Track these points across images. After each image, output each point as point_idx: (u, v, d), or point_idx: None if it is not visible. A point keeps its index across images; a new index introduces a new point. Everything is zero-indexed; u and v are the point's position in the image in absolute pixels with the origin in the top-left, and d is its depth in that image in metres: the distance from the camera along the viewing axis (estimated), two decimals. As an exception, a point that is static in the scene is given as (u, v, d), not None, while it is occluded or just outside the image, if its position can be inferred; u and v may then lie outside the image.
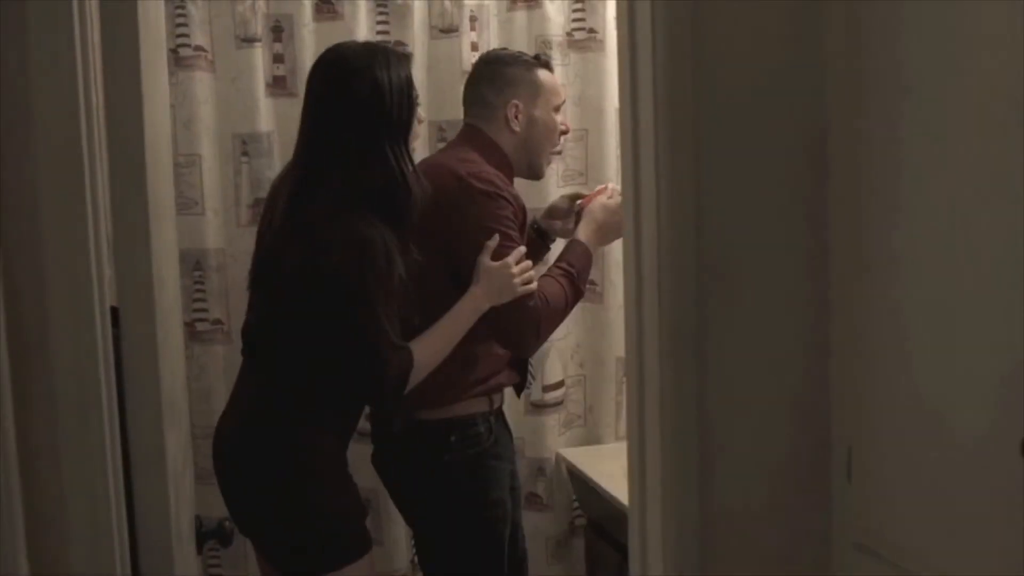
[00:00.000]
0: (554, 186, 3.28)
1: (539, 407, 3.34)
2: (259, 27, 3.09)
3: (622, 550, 2.28)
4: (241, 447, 2.59)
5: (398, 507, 2.98)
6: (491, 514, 2.81)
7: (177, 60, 3.02)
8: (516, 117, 2.83)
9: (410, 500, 2.90)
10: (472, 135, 2.86)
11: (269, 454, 2.54)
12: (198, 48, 3.05)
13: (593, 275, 3.25)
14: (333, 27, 3.12)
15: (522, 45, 3.23)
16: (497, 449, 2.83)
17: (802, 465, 2.01)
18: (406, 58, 2.61)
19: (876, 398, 1.91)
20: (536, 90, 2.86)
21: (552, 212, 3.05)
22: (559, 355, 3.34)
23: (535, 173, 2.94)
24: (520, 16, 3.26)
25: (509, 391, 3.01)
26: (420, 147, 3.16)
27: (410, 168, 2.51)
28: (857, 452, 1.96)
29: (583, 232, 2.89)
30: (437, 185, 2.65)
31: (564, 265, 2.83)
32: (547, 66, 2.92)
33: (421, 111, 2.68)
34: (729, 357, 1.96)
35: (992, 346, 1.63)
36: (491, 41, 3.24)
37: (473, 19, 3.22)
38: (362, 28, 3.14)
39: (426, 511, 2.86)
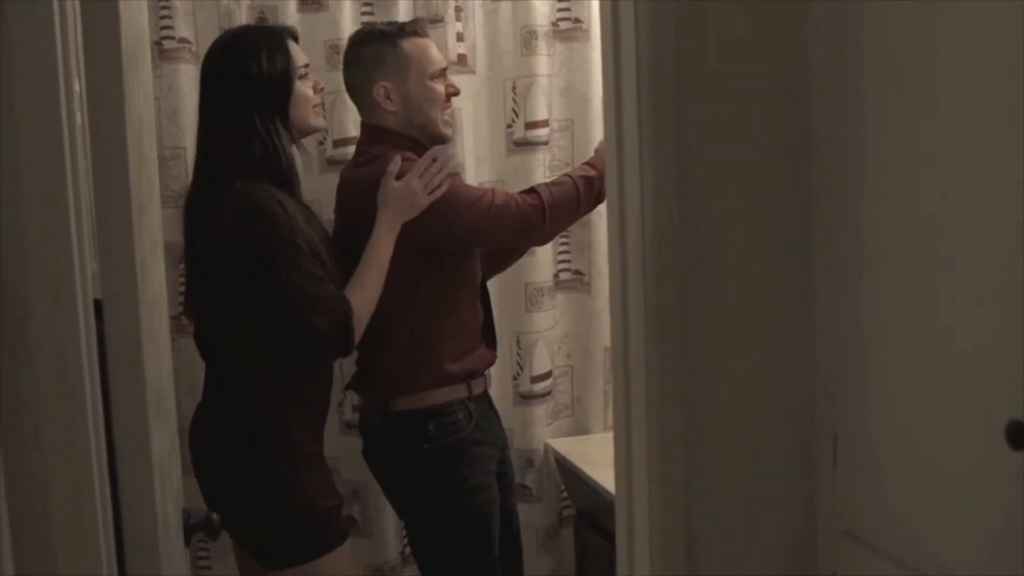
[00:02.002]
0: (541, 176, 3.27)
1: (527, 398, 3.34)
2: (243, 19, 3.07)
3: (611, 540, 2.29)
4: (209, 440, 2.60)
5: (388, 499, 2.99)
6: (474, 500, 2.82)
7: (161, 53, 3.01)
8: (388, 98, 2.79)
9: (396, 490, 2.92)
10: (366, 133, 2.87)
11: (235, 447, 2.56)
12: (182, 40, 3.04)
13: (580, 265, 3.26)
14: (317, 18, 3.10)
15: (507, 35, 3.22)
16: (478, 435, 2.84)
17: (788, 453, 2.01)
18: (280, 35, 2.68)
19: (861, 385, 1.91)
20: (403, 64, 2.79)
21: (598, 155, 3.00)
22: (547, 346, 3.34)
23: (436, 139, 2.88)
24: (505, 6, 3.24)
25: (496, 376, 3.05)
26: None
27: (283, 138, 2.61)
28: (842, 439, 1.97)
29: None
30: (352, 201, 2.77)
31: (585, 165, 2.89)
32: (416, 32, 2.84)
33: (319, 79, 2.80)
34: (714, 346, 1.96)
35: (977, 332, 1.63)
36: (476, 31, 3.22)
37: (458, 9, 3.21)
38: (347, 19, 3.13)
39: (411, 500, 2.87)
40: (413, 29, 2.84)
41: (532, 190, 2.83)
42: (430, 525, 2.85)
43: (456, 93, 2.92)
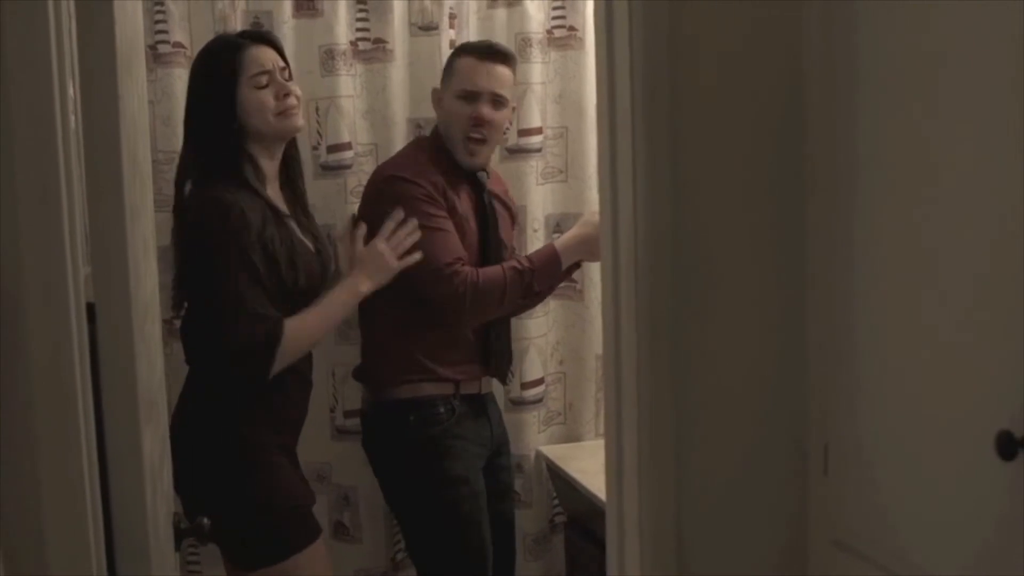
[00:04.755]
0: (534, 183, 3.28)
1: (519, 404, 3.34)
2: (238, 23, 3.07)
3: (602, 547, 2.29)
4: (179, 440, 2.57)
5: (381, 488, 3.02)
6: (453, 492, 2.84)
7: (156, 57, 3.01)
8: (438, 104, 2.95)
9: (381, 480, 2.97)
10: (433, 130, 3.01)
11: (200, 448, 2.58)
12: (177, 45, 3.04)
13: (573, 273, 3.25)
14: (312, 24, 3.11)
15: (502, 42, 3.22)
16: (459, 431, 2.86)
17: (779, 461, 2.02)
18: (233, 44, 2.71)
19: (853, 394, 1.91)
20: (448, 77, 2.93)
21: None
22: (539, 352, 3.34)
23: (459, 160, 2.94)
24: (500, 14, 3.25)
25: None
26: (399, 144, 3.16)
27: (237, 142, 2.64)
28: (833, 448, 1.97)
29: (562, 238, 2.96)
30: (369, 185, 2.90)
31: (521, 260, 2.90)
32: (476, 53, 2.92)
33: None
34: (706, 355, 1.97)
35: (969, 343, 1.64)
36: (471, 39, 3.23)
37: (453, 17, 3.21)
38: (342, 25, 3.13)
39: (393, 490, 2.92)
40: (476, 48, 2.95)
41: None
42: (411, 513, 2.90)
43: (480, 122, 2.89)
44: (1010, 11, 1.50)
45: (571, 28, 3.29)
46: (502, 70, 2.93)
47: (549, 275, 2.91)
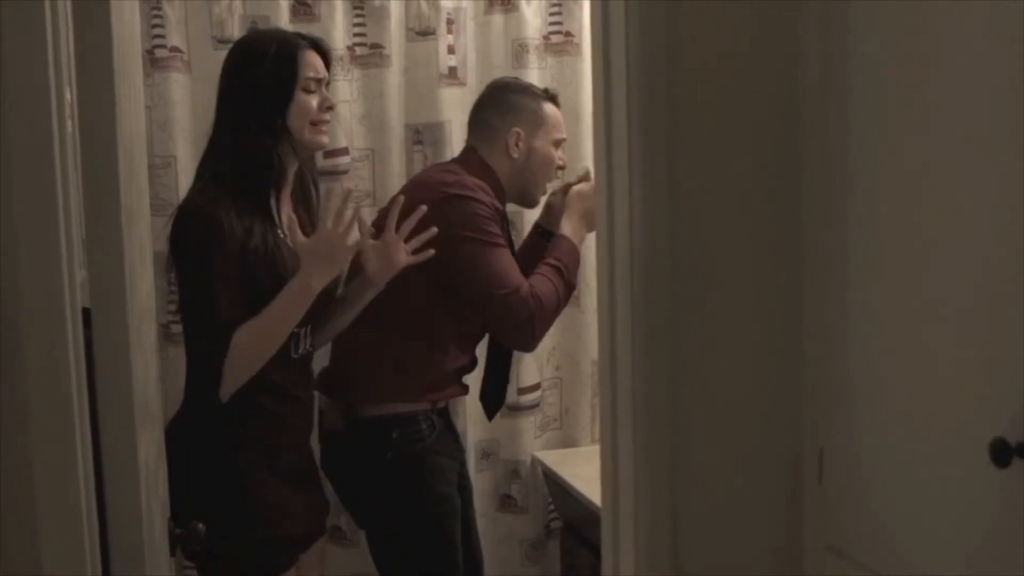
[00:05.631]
0: (530, 189, 3.28)
1: (515, 410, 3.34)
2: (235, 28, 3.07)
3: (598, 553, 2.29)
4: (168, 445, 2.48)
5: (346, 507, 2.96)
6: (438, 509, 2.82)
7: (153, 61, 3.01)
8: (516, 144, 2.89)
9: (356, 498, 2.90)
10: (468, 155, 2.93)
11: (179, 465, 2.35)
12: (174, 49, 3.04)
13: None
14: (310, 28, 3.10)
15: (499, 48, 3.24)
16: (438, 446, 2.84)
17: (774, 467, 2.02)
18: (290, 41, 2.58)
19: (848, 401, 1.92)
20: (539, 121, 2.92)
21: (550, 211, 3.06)
22: (535, 358, 3.34)
23: (528, 201, 3.00)
24: (497, 19, 3.26)
25: (473, 405, 3.09)
26: (396, 149, 3.17)
27: (267, 143, 2.50)
28: (829, 455, 1.97)
29: (566, 225, 2.92)
30: (418, 198, 2.67)
31: (552, 260, 2.84)
32: (554, 100, 2.98)
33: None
34: (702, 361, 1.97)
35: (965, 350, 1.64)
36: (468, 44, 3.24)
37: (450, 22, 3.22)
38: (339, 29, 3.13)
39: (373, 509, 2.86)
40: (553, 96, 3.00)
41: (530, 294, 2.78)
42: (392, 533, 2.84)
43: (563, 167, 3.01)
44: (1009, 12, 1.50)
45: (568, 34, 3.30)
46: None
47: (575, 264, 2.90)
